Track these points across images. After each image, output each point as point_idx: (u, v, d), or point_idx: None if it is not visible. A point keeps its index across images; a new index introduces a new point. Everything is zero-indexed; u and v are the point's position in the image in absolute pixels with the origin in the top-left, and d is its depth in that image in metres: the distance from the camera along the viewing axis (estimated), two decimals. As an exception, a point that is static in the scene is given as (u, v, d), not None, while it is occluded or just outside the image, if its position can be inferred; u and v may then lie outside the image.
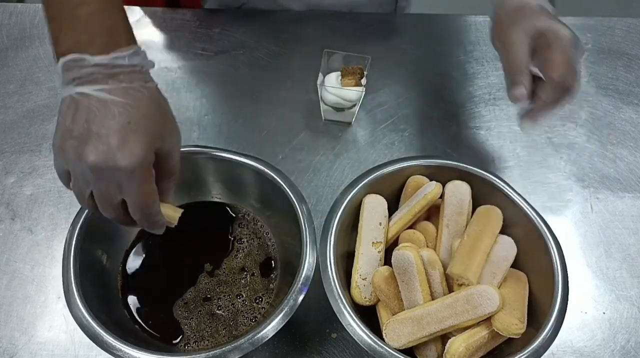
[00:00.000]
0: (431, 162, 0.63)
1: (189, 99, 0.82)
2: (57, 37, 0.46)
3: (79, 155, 0.46)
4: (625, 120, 0.82)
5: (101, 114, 0.45)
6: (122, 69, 0.46)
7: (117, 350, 0.50)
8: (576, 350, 0.63)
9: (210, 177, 0.65)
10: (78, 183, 0.48)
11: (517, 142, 0.79)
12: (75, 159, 0.46)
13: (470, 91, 0.84)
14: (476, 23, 0.92)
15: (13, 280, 0.65)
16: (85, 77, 0.45)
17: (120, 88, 0.46)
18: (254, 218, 0.66)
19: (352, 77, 0.73)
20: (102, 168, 0.45)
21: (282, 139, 0.78)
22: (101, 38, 0.46)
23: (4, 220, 0.70)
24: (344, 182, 0.73)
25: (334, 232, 0.57)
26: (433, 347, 0.55)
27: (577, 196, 0.75)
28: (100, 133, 0.45)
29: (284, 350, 0.61)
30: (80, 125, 0.45)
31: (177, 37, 0.88)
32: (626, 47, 0.90)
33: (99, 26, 0.46)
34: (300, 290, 0.53)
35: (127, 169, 0.46)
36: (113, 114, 0.45)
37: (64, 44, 0.46)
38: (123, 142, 0.45)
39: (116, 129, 0.45)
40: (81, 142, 0.45)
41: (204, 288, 0.61)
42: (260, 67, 0.86)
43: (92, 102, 0.45)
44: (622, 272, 0.68)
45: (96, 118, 0.45)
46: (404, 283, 0.54)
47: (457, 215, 0.60)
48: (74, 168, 0.47)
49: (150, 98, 0.48)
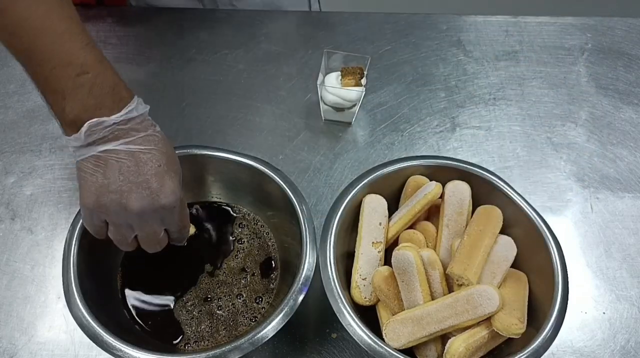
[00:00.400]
0: (431, 162, 0.63)
1: (189, 99, 0.82)
2: (63, 108, 0.49)
3: (123, 206, 0.50)
4: (625, 120, 0.82)
5: (133, 163, 0.49)
6: (135, 121, 0.50)
7: (117, 350, 0.50)
8: (576, 350, 0.63)
9: (210, 177, 0.65)
10: (121, 232, 0.53)
11: (517, 142, 0.79)
12: (119, 210, 0.50)
13: (470, 91, 0.84)
14: (476, 23, 0.92)
15: (13, 280, 0.65)
16: (107, 136, 0.49)
17: (140, 137, 0.50)
18: (254, 218, 0.66)
19: (352, 77, 0.73)
20: (148, 211, 0.50)
21: (282, 139, 0.78)
22: (108, 99, 0.49)
23: (4, 220, 0.70)
24: (344, 182, 0.73)
25: (334, 232, 0.57)
26: (433, 347, 0.55)
27: (577, 196, 0.75)
28: (138, 181, 0.49)
29: (284, 350, 0.61)
30: (116, 178, 0.49)
31: (176, 37, 0.88)
32: (626, 47, 0.90)
33: (103, 89, 0.49)
34: (300, 290, 0.54)
35: (171, 205, 0.51)
36: (144, 161, 0.50)
37: (72, 112, 0.49)
38: (161, 184, 0.50)
39: (152, 174, 0.50)
40: (122, 194, 0.49)
41: (204, 289, 0.61)
42: (260, 67, 0.86)
43: (121, 156, 0.49)
44: (622, 272, 0.68)
45: (130, 169, 0.49)
46: (404, 283, 0.54)
47: (457, 215, 0.60)
48: (117, 219, 0.51)
49: (163, 139, 0.53)
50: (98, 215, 0.51)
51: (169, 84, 0.83)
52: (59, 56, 0.48)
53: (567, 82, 0.86)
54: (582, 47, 0.90)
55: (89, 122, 0.48)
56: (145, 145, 0.50)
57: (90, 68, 0.49)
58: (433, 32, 0.91)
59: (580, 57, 0.89)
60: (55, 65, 0.48)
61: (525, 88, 0.85)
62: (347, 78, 0.73)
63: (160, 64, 0.85)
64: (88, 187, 0.50)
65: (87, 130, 0.48)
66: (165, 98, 0.81)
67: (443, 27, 0.92)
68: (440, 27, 0.92)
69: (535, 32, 0.92)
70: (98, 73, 0.49)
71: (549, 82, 0.86)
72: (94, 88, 0.49)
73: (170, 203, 0.51)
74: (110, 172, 0.49)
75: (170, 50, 0.87)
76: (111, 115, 0.49)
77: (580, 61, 0.88)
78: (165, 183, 0.51)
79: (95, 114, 0.48)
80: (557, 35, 0.91)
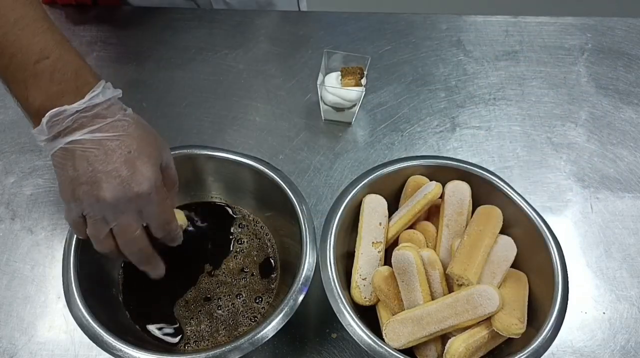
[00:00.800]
0: (431, 162, 0.63)
1: (188, 99, 0.82)
2: (26, 97, 0.47)
3: (95, 196, 0.47)
4: (625, 120, 0.82)
5: (101, 152, 0.47)
6: (101, 106, 0.48)
7: (117, 350, 0.50)
8: (576, 350, 0.63)
9: (210, 177, 0.65)
10: (96, 226, 0.50)
11: (517, 142, 0.79)
12: (92, 202, 0.48)
13: (470, 91, 0.84)
14: (476, 23, 0.92)
15: (13, 280, 0.65)
16: (70, 126, 0.46)
17: (106, 124, 0.47)
18: (254, 218, 0.66)
19: (352, 77, 0.73)
20: (122, 200, 0.47)
21: (282, 139, 0.78)
22: (71, 84, 0.47)
23: (4, 220, 0.70)
24: (344, 182, 0.74)
25: (334, 232, 0.57)
26: (433, 347, 0.55)
27: (577, 196, 0.75)
28: (108, 170, 0.47)
29: (284, 350, 0.61)
30: (85, 169, 0.47)
31: (176, 37, 0.88)
32: (626, 47, 0.90)
33: (64, 74, 0.47)
34: (300, 290, 0.53)
35: (145, 192, 0.48)
36: (112, 149, 0.47)
37: (35, 102, 0.46)
38: (132, 170, 0.47)
39: (121, 161, 0.47)
40: (93, 184, 0.47)
41: (204, 289, 0.61)
42: (260, 67, 0.86)
43: (87, 145, 0.47)
44: (622, 272, 0.68)
45: (97, 158, 0.47)
46: (404, 283, 0.54)
47: (457, 215, 0.60)
48: (92, 211, 0.49)
49: (136, 123, 0.50)
50: (76, 209, 0.49)
51: (169, 84, 0.83)
52: (17, 43, 0.46)
53: (567, 82, 0.86)
54: (582, 47, 0.90)
55: (49, 113, 0.46)
56: (113, 131, 0.47)
57: (50, 53, 0.46)
58: (433, 32, 0.91)
59: (580, 57, 0.89)
60: (14, 53, 0.46)
61: (525, 88, 0.85)
62: (347, 78, 0.73)
63: (160, 64, 0.85)
64: (62, 180, 0.48)
65: (49, 121, 0.46)
66: (165, 98, 0.81)
67: (443, 27, 0.92)
68: (440, 27, 0.92)
69: (535, 32, 0.92)
70: (58, 57, 0.47)
71: (549, 82, 0.86)
72: (55, 73, 0.46)
73: (143, 190, 0.48)
74: (79, 163, 0.47)
75: (170, 50, 0.87)
76: (73, 103, 0.46)
77: (580, 61, 0.88)
78: (136, 170, 0.48)
79: (58, 102, 0.46)
80: (557, 35, 0.91)
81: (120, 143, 0.47)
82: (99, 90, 0.47)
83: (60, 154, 0.47)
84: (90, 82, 0.48)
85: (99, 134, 0.47)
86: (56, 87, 0.46)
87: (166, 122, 0.79)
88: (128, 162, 0.47)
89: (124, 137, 0.48)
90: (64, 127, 0.46)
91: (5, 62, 0.47)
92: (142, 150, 0.49)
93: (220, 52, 0.87)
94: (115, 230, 0.50)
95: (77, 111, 0.46)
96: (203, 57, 0.86)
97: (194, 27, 0.89)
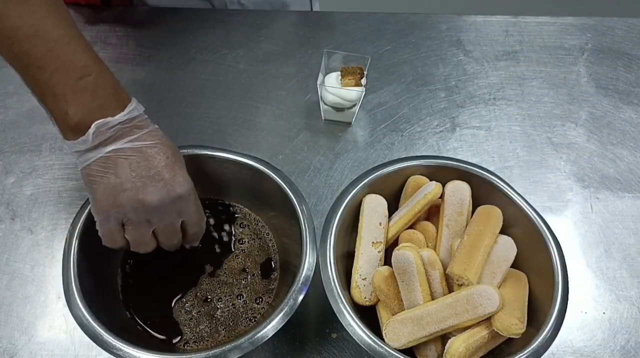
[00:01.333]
0: (431, 162, 0.63)
1: (189, 99, 0.82)
2: (66, 111, 0.49)
3: (140, 202, 0.50)
4: (625, 120, 0.82)
5: (142, 159, 0.50)
6: (138, 119, 0.51)
7: (117, 349, 0.50)
8: (576, 350, 0.63)
9: (211, 177, 0.65)
10: (140, 230, 0.53)
11: (517, 142, 0.79)
12: (137, 206, 0.50)
13: (470, 91, 0.84)
14: (476, 23, 0.92)
15: (13, 280, 0.65)
16: (113, 136, 0.49)
17: (144, 133, 0.51)
18: (255, 218, 0.66)
19: (352, 77, 0.73)
20: (166, 202, 0.51)
21: (282, 139, 0.78)
22: (111, 100, 0.50)
23: (4, 220, 0.70)
24: (344, 182, 0.74)
25: (334, 232, 0.57)
26: (433, 347, 0.55)
27: (577, 196, 0.75)
28: (151, 174, 0.50)
29: (284, 350, 0.61)
30: (128, 176, 0.50)
31: (177, 37, 0.88)
32: (626, 47, 0.90)
33: (105, 90, 0.50)
34: (300, 290, 0.53)
35: (184, 193, 0.52)
36: (152, 155, 0.50)
37: (76, 116, 0.49)
38: (173, 174, 0.52)
39: (162, 166, 0.51)
40: (137, 189, 0.50)
41: (204, 289, 0.61)
42: (260, 67, 0.86)
43: (128, 153, 0.50)
44: (622, 272, 0.68)
45: (140, 164, 0.50)
46: (404, 283, 0.54)
47: (457, 215, 0.60)
48: (136, 217, 0.51)
49: (164, 134, 0.54)
50: (115, 216, 0.51)
51: (169, 84, 0.83)
52: (60, 60, 0.48)
53: (567, 82, 0.86)
54: (582, 47, 0.90)
55: (96, 123, 0.48)
56: (150, 140, 0.51)
57: (92, 70, 0.49)
58: (433, 32, 0.91)
59: (580, 57, 0.89)
60: (55, 69, 0.48)
61: (525, 88, 0.85)
62: (347, 78, 0.73)
63: (160, 64, 0.85)
64: (101, 189, 0.50)
65: (95, 131, 0.49)
66: (165, 98, 0.81)
67: (443, 27, 0.92)
68: (440, 27, 0.92)
69: (535, 32, 0.92)
70: (99, 75, 0.50)
71: (549, 82, 0.86)
72: (97, 90, 0.49)
73: (185, 191, 0.52)
74: (121, 170, 0.50)
75: (170, 50, 0.87)
76: (115, 115, 0.49)
77: (580, 61, 0.88)
78: (176, 173, 0.52)
79: (101, 115, 0.49)
80: (557, 35, 0.91)
81: (158, 150, 0.51)
82: (135, 105, 0.51)
83: (100, 163, 0.50)
84: (126, 97, 0.51)
85: (139, 142, 0.50)
86: (98, 102, 0.49)
87: (166, 122, 0.78)
88: (168, 167, 0.51)
89: (160, 145, 0.52)
90: (107, 137, 0.49)
91: (47, 76, 0.48)
92: (177, 155, 0.53)
93: (220, 52, 0.87)
94: (158, 230, 0.54)
95: (119, 122, 0.49)
96: (203, 57, 0.86)
97: (194, 28, 0.89)
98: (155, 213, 0.52)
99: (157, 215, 0.52)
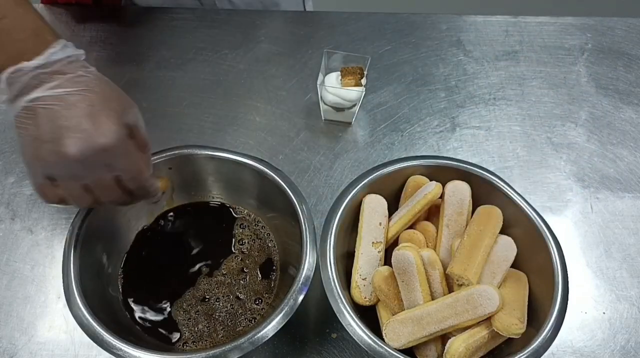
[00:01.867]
0: (431, 162, 0.63)
1: (188, 99, 0.82)
2: None
3: (60, 154, 0.46)
4: (625, 120, 0.82)
5: (62, 108, 0.45)
6: (61, 63, 0.47)
7: (117, 349, 0.50)
8: (576, 350, 0.63)
9: (210, 177, 0.65)
10: (68, 186, 0.49)
11: (517, 142, 0.79)
12: (58, 160, 0.46)
13: (470, 91, 0.84)
14: (476, 23, 0.92)
15: (13, 280, 0.65)
16: (30, 84, 0.46)
17: (67, 79, 0.46)
18: (255, 219, 0.66)
19: (352, 77, 0.73)
20: (88, 154, 0.46)
21: (282, 139, 0.78)
22: (30, 42, 0.46)
23: (4, 220, 0.70)
24: (344, 182, 0.73)
25: (334, 232, 0.57)
26: (433, 347, 0.55)
27: (577, 196, 0.75)
28: (70, 125, 0.45)
29: (284, 350, 0.61)
30: (47, 127, 0.45)
31: (176, 37, 0.88)
32: (626, 47, 0.90)
33: (23, 33, 0.46)
34: (300, 290, 0.53)
35: (110, 144, 0.46)
36: (73, 103, 0.46)
37: None
38: (96, 123, 0.46)
39: (83, 115, 0.46)
40: (56, 141, 0.45)
41: (203, 289, 0.61)
42: (260, 67, 0.86)
43: (48, 102, 0.45)
44: (622, 272, 0.68)
45: (59, 114, 0.45)
46: (404, 283, 0.54)
47: (457, 215, 0.60)
48: (59, 170, 0.47)
49: (98, 79, 0.48)
50: (41, 170, 0.48)
51: (169, 84, 0.83)
52: None
53: (567, 82, 0.86)
54: (582, 47, 0.90)
55: (7, 70, 0.45)
56: (73, 87, 0.46)
57: (8, 12, 0.46)
58: (433, 32, 0.91)
59: (580, 57, 0.89)
60: None
61: (525, 88, 0.85)
62: (347, 78, 0.73)
63: (160, 64, 0.85)
64: (24, 141, 0.47)
65: (8, 79, 0.45)
66: (165, 98, 0.81)
67: (443, 27, 0.92)
68: (440, 27, 0.92)
69: (535, 32, 0.92)
70: (16, 16, 0.46)
71: (549, 82, 0.86)
72: (14, 33, 0.46)
73: (109, 142, 0.46)
74: (41, 120, 0.45)
75: (170, 50, 0.87)
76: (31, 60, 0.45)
77: (580, 61, 0.88)
78: (99, 123, 0.46)
79: (18, 62, 0.45)
80: (557, 35, 0.91)
81: (81, 97, 0.46)
82: (58, 48, 0.47)
83: (23, 114, 0.46)
84: (49, 40, 0.47)
85: (60, 89, 0.46)
86: (15, 47, 0.46)
87: (166, 122, 0.79)
88: (91, 116, 0.46)
89: (85, 92, 0.46)
90: (24, 85, 0.45)
91: None
92: (105, 104, 0.47)
93: (221, 52, 0.87)
94: (89, 186, 0.49)
95: (35, 67, 0.45)
96: (203, 57, 0.86)
97: (194, 28, 0.89)
98: (79, 166, 0.47)
99: (82, 169, 0.47)
